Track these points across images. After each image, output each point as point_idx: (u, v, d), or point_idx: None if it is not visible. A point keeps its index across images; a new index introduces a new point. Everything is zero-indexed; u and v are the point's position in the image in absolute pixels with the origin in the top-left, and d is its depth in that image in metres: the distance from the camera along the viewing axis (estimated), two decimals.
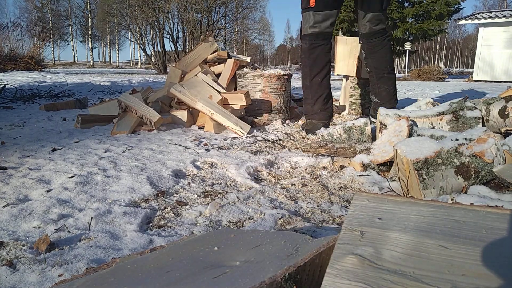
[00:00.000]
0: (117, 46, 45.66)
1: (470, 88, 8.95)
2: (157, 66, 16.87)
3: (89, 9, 39.20)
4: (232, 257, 0.71)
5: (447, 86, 10.23)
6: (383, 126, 1.89)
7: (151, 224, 1.20)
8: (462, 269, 0.51)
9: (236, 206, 1.34)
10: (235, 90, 3.19)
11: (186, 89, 2.82)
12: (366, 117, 2.55)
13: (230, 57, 3.27)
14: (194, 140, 2.33)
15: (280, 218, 1.22)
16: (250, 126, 2.67)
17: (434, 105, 2.27)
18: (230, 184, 1.60)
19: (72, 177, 1.57)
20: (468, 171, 1.33)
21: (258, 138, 2.45)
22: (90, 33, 40.11)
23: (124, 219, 1.20)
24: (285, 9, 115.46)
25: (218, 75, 3.21)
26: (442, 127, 1.87)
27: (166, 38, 17.39)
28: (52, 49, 36.62)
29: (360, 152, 1.92)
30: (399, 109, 2.13)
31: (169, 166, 1.76)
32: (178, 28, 17.84)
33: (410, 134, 1.68)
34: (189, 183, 1.59)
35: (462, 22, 15.60)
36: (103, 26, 37.34)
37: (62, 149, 2.06)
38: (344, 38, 3.43)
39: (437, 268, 0.52)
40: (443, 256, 0.54)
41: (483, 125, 1.87)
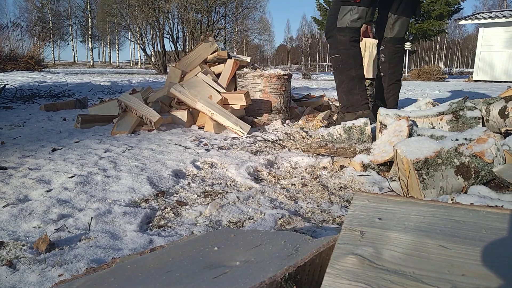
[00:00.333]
0: (117, 46, 45.67)
1: (470, 88, 8.95)
2: (157, 66, 16.88)
3: (89, 9, 39.21)
4: (232, 257, 0.71)
5: (447, 86, 10.23)
6: (383, 126, 1.89)
7: (151, 224, 1.20)
8: (462, 269, 0.51)
9: (236, 206, 1.34)
10: (235, 90, 3.19)
11: (186, 89, 2.82)
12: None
13: (230, 57, 3.27)
14: (194, 140, 2.33)
15: (280, 218, 1.22)
16: (250, 126, 2.67)
17: (434, 105, 2.27)
18: (230, 184, 1.60)
19: (72, 177, 1.57)
20: (468, 171, 1.33)
21: (258, 138, 2.45)
22: (90, 33, 40.12)
23: (124, 219, 1.20)
24: (285, 9, 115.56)
25: (218, 75, 3.21)
26: (442, 127, 1.87)
27: (166, 38, 17.41)
28: (52, 49, 36.65)
29: (360, 152, 1.92)
30: (399, 109, 2.13)
31: (169, 166, 1.76)
32: (178, 28, 17.86)
33: (410, 134, 1.68)
34: (189, 183, 1.59)
35: (462, 22, 15.61)
36: (103, 26, 37.31)
37: (62, 149, 2.06)
38: None
39: (437, 268, 0.52)
40: (443, 256, 0.54)
41: (483, 125, 1.87)
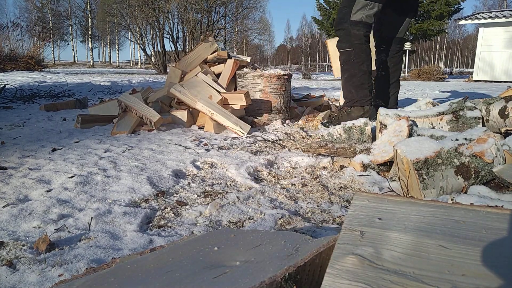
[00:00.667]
0: (117, 46, 45.68)
1: (470, 88, 8.95)
2: (157, 66, 16.88)
3: (89, 9, 39.22)
4: (232, 257, 0.71)
5: (447, 86, 10.23)
6: (383, 126, 1.89)
7: (151, 224, 1.20)
8: (462, 269, 0.51)
9: (236, 206, 1.34)
10: (235, 90, 3.19)
11: (186, 89, 2.82)
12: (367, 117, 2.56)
13: (230, 57, 3.27)
14: (194, 140, 2.33)
15: (280, 218, 1.22)
16: (250, 126, 2.67)
17: (434, 105, 2.27)
18: (230, 184, 1.60)
19: (72, 177, 1.57)
20: (468, 171, 1.33)
21: (258, 138, 2.45)
22: (90, 33, 40.13)
23: (124, 219, 1.20)
24: (285, 9, 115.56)
25: (218, 75, 3.21)
26: (442, 127, 1.87)
27: (166, 38, 17.41)
28: (52, 49, 36.66)
29: (360, 152, 1.91)
30: (399, 109, 2.13)
31: (169, 166, 1.76)
32: (178, 28, 17.86)
33: (410, 134, 1.68)
34: (189, 183, 1.59)
35: (462, 22, 15.61)
36: (103, 26, 37.33)
37: (62, 149, 2.06)
38: (334, 40, 3.36)
39: (437, 268, 0.52)
40: (443, 256, 0.54)
41: (483, 125, 1.87)
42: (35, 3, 39.05)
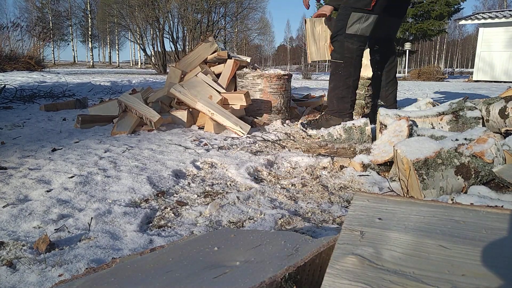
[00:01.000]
0: (117, 46, 45.67)
1: (470, 88, 8.96)
2: (157, 66, 16.87)
3: (89, 9, 39.21)
4: (232, 257, 0.71)
5: (447, 86, 10.23)
6: (383, 126, 1.89)
7: (151, 224, 1.20)
8: (462, 269, 0.51)
9: (236, 206, 1.34)
10: (235, 90, 3.19)
11: (186, 89, 2.82)
12: (367, 117, 2.56)
13: (230, 57, 3.27)
14: (194, 140, 2.33)
15: (280, 218, 1.22)
16: (250, 126, 2.67)
17: (434, 105, 2.27)
18: (230, 184, 1.60)
19: (72, 177, 1.57)
20: (468, 171, 1.33)
21: (258, 138, 2.45)
22: (90, 33, 40.11)
23: (124, 219, 1.20)
24: (285, 9, 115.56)
25: (218, 75, 3.21)
26: (442, 127, 1.87)
27: (166, 38, 17.39)
28: (52, 49, 36.64)
29: (360, 152, 1.91)
30: (399, 109, 2.13)
31: (169, 166, 1.76)
32: (178, 28, 17.84)
33: (410, 134, 1.68)
34: (189, 183, 1.59)
35: (462, 22, 15.61)
36: (103, 26, 37.33)
37: (62, 149, 2.06)
38: (313, 20, 3.11)
39: (437, 268, 0.52)
40: (443, 256, 0.54)
41: (483, 125, 1.87)
42: (35, 3, 39.06)
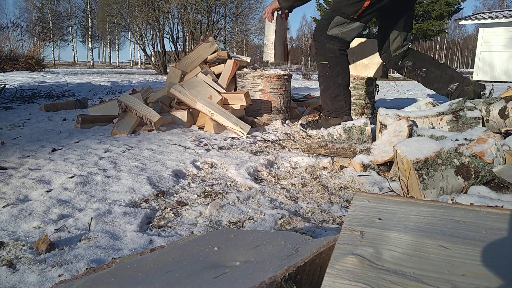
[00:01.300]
0: (117, 46, 45.68)
1: None
2: (157, 66, 16.87)
3: (89, 9, 39.22)
4: (232, 257, 0.71)
5: None
6: (383, 126, 1.89)
7: (151, 224, 1.20)
8: (462, 269, 0.51)
9: (236, 206, 1.34)
10: (235, 90, 3.19)
11: (186, 89, 2.82)
12: (366, 117, 2.56)
13: (230, 57, 3.27)
14: (194, 140, 2.33)
15: (280, 218, 1.22)
16: (250, 126, 2.67)
17: (434, 105, 2.27)
18: (230, 184, 1.60)
19: (72, 177, 1.57)
20: (468, 171, 1.33)
21: (258, 138, 2.45)
22: (90, 33, 40.12)
23: (124, 219, 1.20)
24: None
25: (218, 75, 3.21)
26: (442, 127, 1.87)
27: (166, 38, 17.40)
28: (52, 49, 36.68)
29: (360, 152, 1.91)
30: (399, 109, 2.13)
31: (169, 166, 1.76)
32: (178, 28, 17.86)
33: (410, 134, 1.68)
34: (189, 183, 1.59)
35: (462, 22, 15.62)
36: (103, 26, 37.35)
37: (62, 149, 2.06)
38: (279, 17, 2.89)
39: (437, 268, 0.52)
40: (443, 256, 0.54)
41: (483, 125, 1.87)
42: (35, 3, 39.06)
